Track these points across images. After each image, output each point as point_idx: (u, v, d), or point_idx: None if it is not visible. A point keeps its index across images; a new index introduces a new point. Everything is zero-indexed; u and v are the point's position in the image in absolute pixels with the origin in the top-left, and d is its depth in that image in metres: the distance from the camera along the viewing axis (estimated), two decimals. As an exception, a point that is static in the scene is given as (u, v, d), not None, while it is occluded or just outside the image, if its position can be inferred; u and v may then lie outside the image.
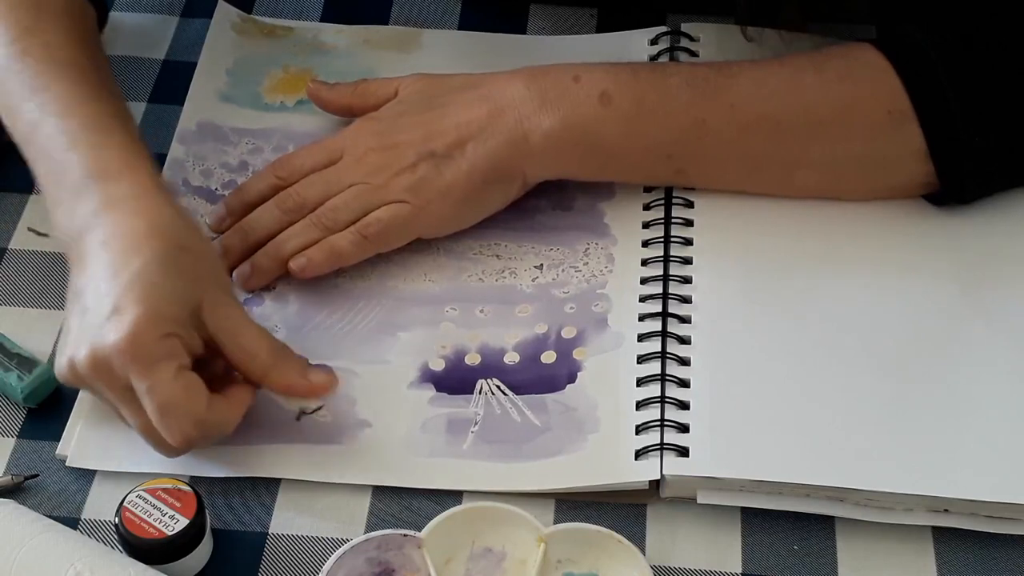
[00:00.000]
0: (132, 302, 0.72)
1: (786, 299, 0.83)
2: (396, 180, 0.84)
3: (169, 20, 1.01)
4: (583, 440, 0.79)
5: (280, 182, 0.87)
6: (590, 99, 0.84)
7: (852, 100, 0.83)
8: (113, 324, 0.72)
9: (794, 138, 0.84)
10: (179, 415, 0.73)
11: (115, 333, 0.72)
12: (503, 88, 0.85)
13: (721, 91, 0.84)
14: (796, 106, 0.83)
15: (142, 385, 0.72)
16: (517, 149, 0.84)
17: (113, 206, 0.76)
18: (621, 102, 0.84)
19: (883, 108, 0.82)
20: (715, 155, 0.85)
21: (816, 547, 0.76)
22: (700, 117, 0.83)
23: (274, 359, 0.77)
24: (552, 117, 0.83)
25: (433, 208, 0.84)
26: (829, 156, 0.84)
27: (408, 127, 0.86)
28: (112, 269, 0.74)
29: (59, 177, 0.78)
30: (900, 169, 0.84)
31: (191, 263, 0.76)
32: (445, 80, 0.88)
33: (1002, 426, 0.78)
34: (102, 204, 0.76)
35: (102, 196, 0.76)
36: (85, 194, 0.77)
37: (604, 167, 0.86)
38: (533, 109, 0.84)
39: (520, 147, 0.84)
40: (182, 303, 0.74)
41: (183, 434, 0.73)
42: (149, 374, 0.72)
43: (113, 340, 0.72)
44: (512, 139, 0.84)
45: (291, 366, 0.78)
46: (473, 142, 0.84)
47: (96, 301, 0.74)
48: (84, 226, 0.76)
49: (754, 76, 0.84)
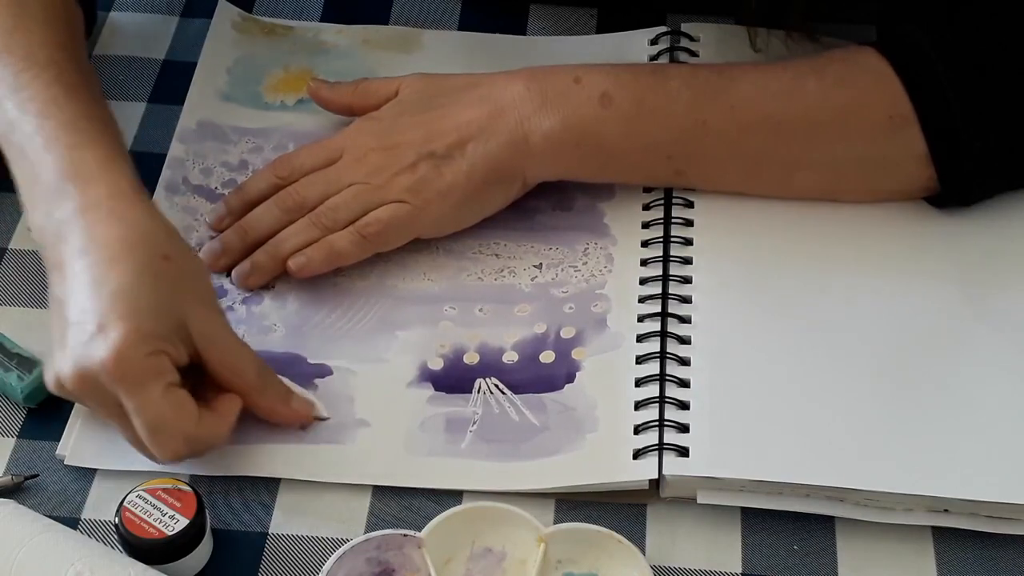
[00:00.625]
0: (117, 319, 0.72)
1: (786, 299, 0.83)
2: (396, 180, 0.84)
3: (169, 20, 1.01)
4: (581, 440, 0.79)
5: (280, 181, 0.87)
6: (591, 100, 0.84)
7: (853, 103, 0.83)
8: (99, 343, 0.71)
9: (794, 140, 0.84)
10: (169, 433, 0.73)
11: (101, 352, 0.71)
12: (503, 89, 0.85)
13: (722, 93, 0.84)
14: (797, 109, 0.83)
15: (131, 404, 0.72)
16: (517, 150, 0.84)
17: (90, 210, 0.75)
18: (621, 103, 0.84)
19: (884, 112, 0.82)
20: (715, 156, 0.85)
21: (816, 547, 0.76)
22: (701, 118, 0.83)
23: (260, 381, 0.77)
24: (553, 118, 0.83)
25: (433, 208, 0.84)
26: (829, 159, 0.84)
27: (408, 127, 0.86)
28: (93, 281, 0.73)
29: (35, 178, 0.77)
30: (901, 172, 0.84)
31: (174, 274, 0.75)
32: (445, 80, 0.88)
33: (1002, 426, 0.78)
34: (79, 208, 0.75)
35: (79, 199, 0.75)
36: (61, 196, 0.76)
37: (604, 168, 0.86)
38: (533, 110, 0.84)
39: (520, 148, 0.84)
40: (167, 317, 0.74)
41: (173, 451, 0.74)
42: (137, 393, 0.72)
43: (100, 359, 0.71)
44: (512, 140, 0.84)
45: (275, 391, 0.78)
46: (473, 143, 0.84)
47: (79, 315, 0.73)
48: (61, 231, 0.75)
49: (755, 78, 0.84)
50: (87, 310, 0.73)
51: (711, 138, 0.84)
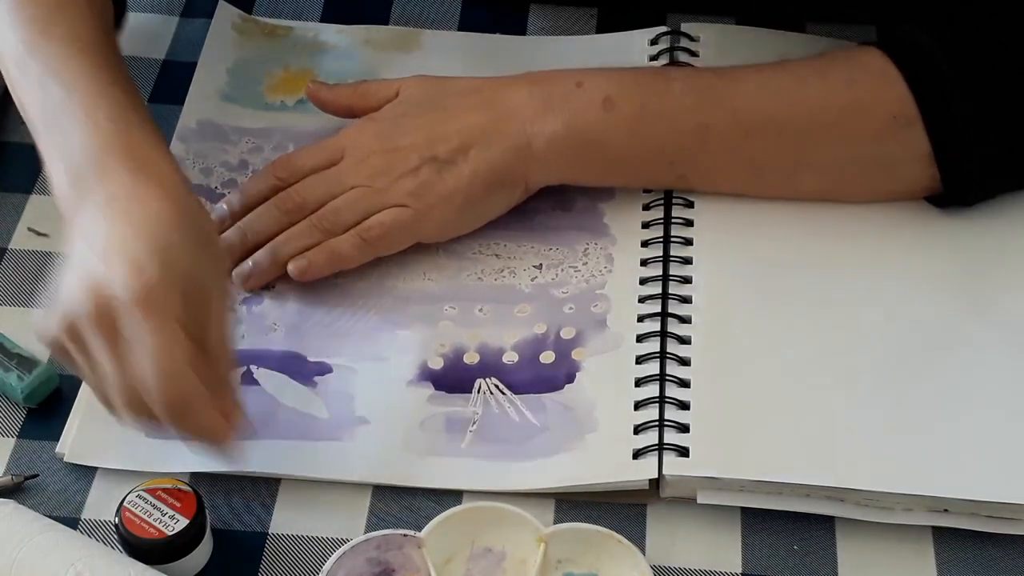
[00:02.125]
0: (152, 253, 0.70)
1: (787, 299, 0.83)
2: (398, 184, 0.84)
3: (169, 20, 1.01)
4: (581, 440, 0.79)
5: (280, 182, 0.86)
6: (593, 104, 0.83)
7: (856, 104, 0.83)
8: (130, 271, 0.69)
9: (797, 142, 0.84)
10: (182, 375, 0.69)
11: (133, 280, 0.69)
12: (506, 93, 0.85)
13: (724, 96, 0.84)
14: (800, 110, 0.83)
15: (151, 340, 0.69)
16: (520, 155, 0.84)
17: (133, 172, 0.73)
18: (624, 107, 0.83)
19: (888, 112, 0.82)
20: (718, 159, 0.85)
21: (816, 547, 0.76)
22: (703, 122, 0.83)
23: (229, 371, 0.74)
24: (555, 123, 0.83)
25: (435, 213, 0.84)
26: (832, 160, 0.84)
27: (411, 130, 0.85)
28: (130, 218, 0.71)
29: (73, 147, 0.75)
30: (904, 173, 0.84)
31: (208, 244, 0.74)
32: (447, 83, 0.88)
33: (1002, 426, 0.78)
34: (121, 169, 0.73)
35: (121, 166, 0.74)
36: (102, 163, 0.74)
37: (607, 172, 0.86)
38: (536, 115, 0.84)
39: (523, 153, 0.84)
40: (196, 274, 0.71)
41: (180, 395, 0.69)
42: (161, 329, 0.69)
43: (130, 287, 0.69)
44: (515, 145, 0.83)
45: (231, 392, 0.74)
46: (476, 148, 0.83)
47: (107, 243, 0.70)
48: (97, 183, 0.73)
49: (758, 80, 0.84)
50: (120, 238, 0.71)
51: (714, 141, 0.84)
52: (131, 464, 0.78)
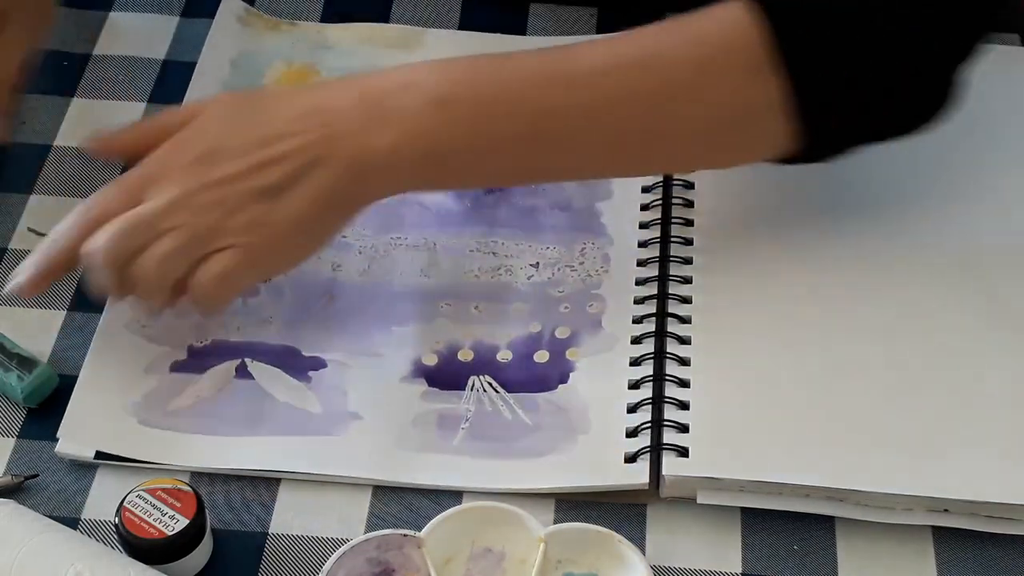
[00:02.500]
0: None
1: (786, 299, 0.83)
2: (226, 221, 0.75)
3: (169, 20, 1.01)
4: (573, 441, 0.79)
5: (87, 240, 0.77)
6: (427, 108, 0.76)
7: (710, 59, 0.77)
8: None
9: (652, 108, 0.78)
10: None
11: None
12: (334, 106, 0.77)
13: (572, 73, 0.78)
14: (651, 74, 0.77)
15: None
16: (358, 174, 0.76)
17: None
18: (459, 106, 0.77)
19: (742, 63, 0.76)
20: (568, 141, 0.78)
21: (816, 547, 0.76)
22: (549, 104, 0.77)
23: None
24: (389, 135, 0.76)
25: (275, 246, 0.77)
26: (688, 121, 0.78)
27: (231, 156, 0.76)
28: None
29: None
30: (763, 127, 0.78)
31: None
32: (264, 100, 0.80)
33: (1002, 426, 0.78)
34: None
35: None
36: None
37: (456, 176, 0.81)
38: (368, 127, 0.76)
39: (361, 171, 0.76)
40: None
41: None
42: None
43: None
44: (350, 164, 0.76)
45: None
46: (308, 172, 0.76)
47: None
48: None
49: (606, 51, 0.79)
50: None
51: (560, 122, 0.78)
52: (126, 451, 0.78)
